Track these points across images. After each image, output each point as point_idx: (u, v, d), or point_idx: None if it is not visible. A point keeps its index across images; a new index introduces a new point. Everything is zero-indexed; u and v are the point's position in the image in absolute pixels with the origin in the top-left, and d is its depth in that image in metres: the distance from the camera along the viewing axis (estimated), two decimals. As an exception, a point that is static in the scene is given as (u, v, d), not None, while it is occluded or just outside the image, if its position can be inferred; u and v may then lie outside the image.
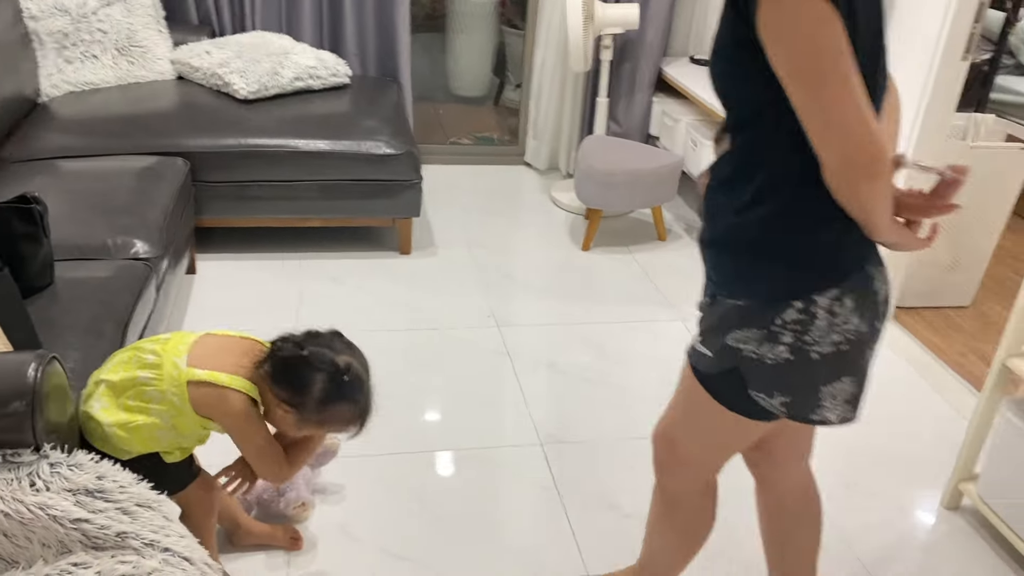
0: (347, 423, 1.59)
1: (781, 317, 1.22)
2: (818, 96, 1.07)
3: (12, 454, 1.32)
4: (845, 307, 1.22)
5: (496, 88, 5.28)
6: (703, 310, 1.36)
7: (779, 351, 1.24)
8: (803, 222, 1.19)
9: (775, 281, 1.23)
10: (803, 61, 1.07)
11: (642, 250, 3.49)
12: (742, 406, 1.32)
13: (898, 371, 2.76)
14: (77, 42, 3.25)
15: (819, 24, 1.04)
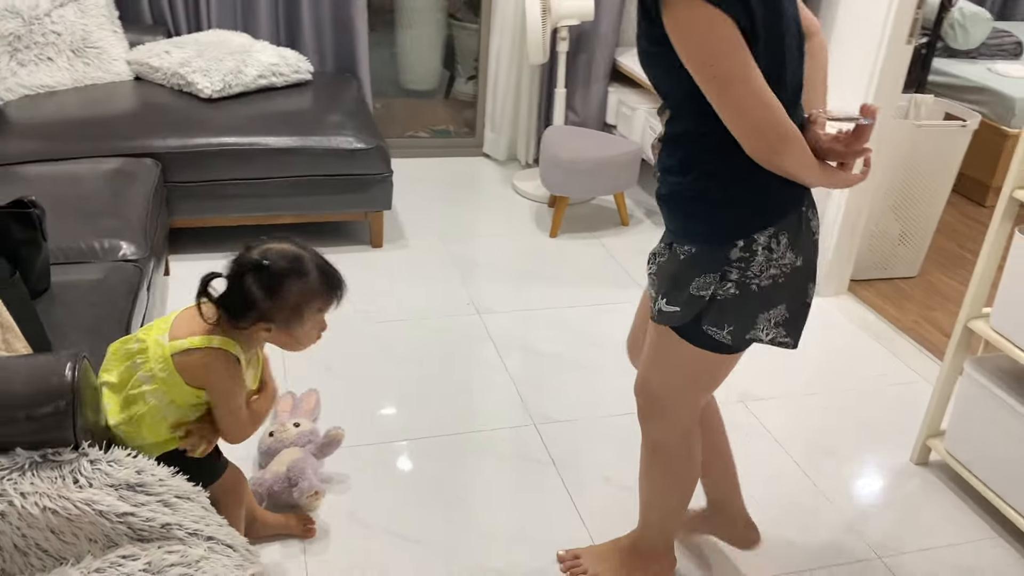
0: (318, 297, 1.52)
1: (727, 256, 1.40)
2: (723, 95, 1.26)
3: (53, 453, 1.34)
4: (780, 244, 1.40)
5: (447, 81, 5.32)
6: (658, 261, 1.52)
7: (727, 288, 1.42)
8: (737, 173, 1.36)
9: (719, 225, 1.40)
10: (704, 64, 1.24)
11: (607, 235, 3.59)
12: (708, 343, 1.48)
13: (858, 340, 2.92)
14: (30, 44, 3.19)
15: (710, 29, 1.21)
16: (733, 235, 1.39)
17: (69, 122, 2.98)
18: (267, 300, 1.48)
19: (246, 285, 1.47)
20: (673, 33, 1.25)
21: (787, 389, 2.62)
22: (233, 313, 1.50)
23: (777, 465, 2.30)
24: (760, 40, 1.26)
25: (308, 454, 2.05)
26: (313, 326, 1.56)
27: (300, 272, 1.50)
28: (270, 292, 1.48)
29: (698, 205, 1.41)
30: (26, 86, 3.18)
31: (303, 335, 1.56)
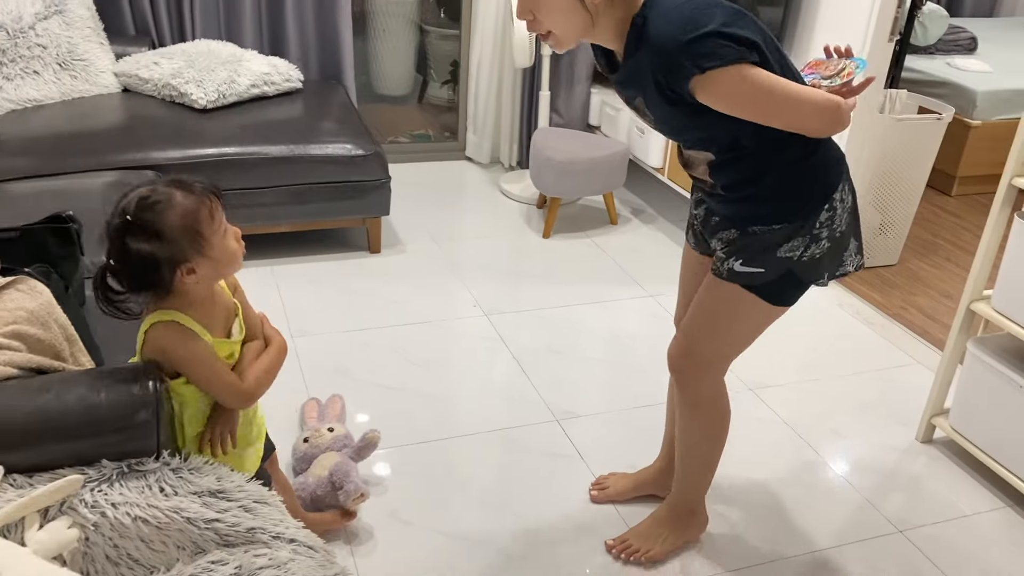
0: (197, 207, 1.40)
1: (818, 221, 1.59)
2: (782, 117, 1.47)
3: (137, 463, 1.35)
4: (845, 191, 1.62)
5: (420, 86, 5.35)
6: (730, 242, 1.66)
7: (822, 244, 1.61)
8: (801, 156, 1.56)
9: (804, 202, 1.59)
10: (756, 105, 1.44)
11: (598, 234, 3.67)
12: (788, 299, 1.68)
13: (851, 326, 3.04)
14: (16, 58, 3.14)
15: (747, 79, 1.41)
16: (820, 203, 1.58)
17: (60, 136, 2.94)
18: (160, 244, 1.35)
19: (131, 248, 1.35)
20: (717, 100, 1.44)
21: (792, 377, 2.72)
22: (145, 281, 1.39)
23: (792, 449, 2.39)
24: (769, 58, 1.47)
25: (347, 457, 2.08)
26: (222, 237, 1.44)
27: (162, 200, 1.38)
28: (156, 236, 1.35)
29: (780, 194, 1.58)
30: (12, 101, 3.12)
31: (222, 252, 1.44)
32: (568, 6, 1.45)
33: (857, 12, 2.90)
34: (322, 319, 2.87)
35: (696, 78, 1.41)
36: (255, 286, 3.04)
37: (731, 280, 1.66)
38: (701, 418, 1.84)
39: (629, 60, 1.50)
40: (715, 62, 1.39)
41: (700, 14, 1.40)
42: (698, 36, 1.38)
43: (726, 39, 1.39)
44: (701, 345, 1.76)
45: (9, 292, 1.47)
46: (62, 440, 1.30)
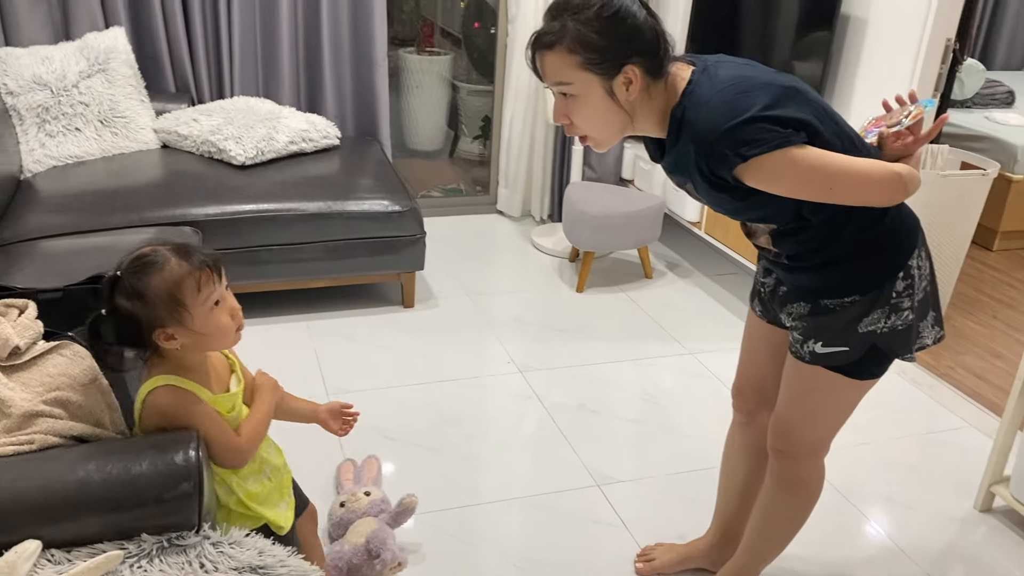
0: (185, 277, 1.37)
1: (895, 290, 1.51)
2: (838, 194, 1.40)
3: (177, 537, 1.31)
4: (922, 258, 1.55)
5: (452, 141, 5.38)
6: (803, 320, 1.59)
7: (904, 315, 1.54)
8: (871, 222, 1.49)
9: (877, 271, 1.51)
10: (809, 186, 1.39)
11: (632, 288, 3.62)
12: (877, 372, 1.59)
13: (898, 387, 2.95)
14: (59, 115, 3.19)
15: (795, 162, 1.35)
16: (892, 272, 1.51)
17: (100, 192, 2.97)
18: (141, 305, 1.36)
19: (117, 303, 1.37)
20: (766, 184, 1.39)
21: (840, 439, 2.62)
22: (128, 336, 1.39)
23: (844, 517, 2.30)
24: (823, 131, 1.40)
25: (384, 524, 2.02)
26: (209, 311, 1.40)
27: (152, 263, 1.38)
28: (138, 296, 1.36)
29: (850, 264, 1.51)
30: (54, 157, 3.16)
31: (207, 325, 1.40)
32: (602, 107, 1.39)
33: (899, 69, 2.87)
34: (356, 376, 2.84)
35: (740, 167, 1.36)
36: (291, 341, 3.02)
37: (815, 363, 1.59)
38: (794, 500, 1.76)
39: (672, 150, 1.45)
40: (758, 149, 1.33)
41: (741, 98, 1.35)
42: (739, 123, 1.33)
43: (770, 123, 1.33)
44: (799, 430, 1.69)
45: (53, 357, 1.45)
46: (103, 512, 1.27)
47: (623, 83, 1.37)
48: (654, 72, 1.40)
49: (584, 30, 1.33)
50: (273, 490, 1.60)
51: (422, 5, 5.76)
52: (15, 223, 2.74)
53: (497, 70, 4.16)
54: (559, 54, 1.36)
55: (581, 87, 1.37)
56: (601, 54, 1.35)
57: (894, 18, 2.88)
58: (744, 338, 1.85)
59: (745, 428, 1.89)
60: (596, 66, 1.35)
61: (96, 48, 3.27)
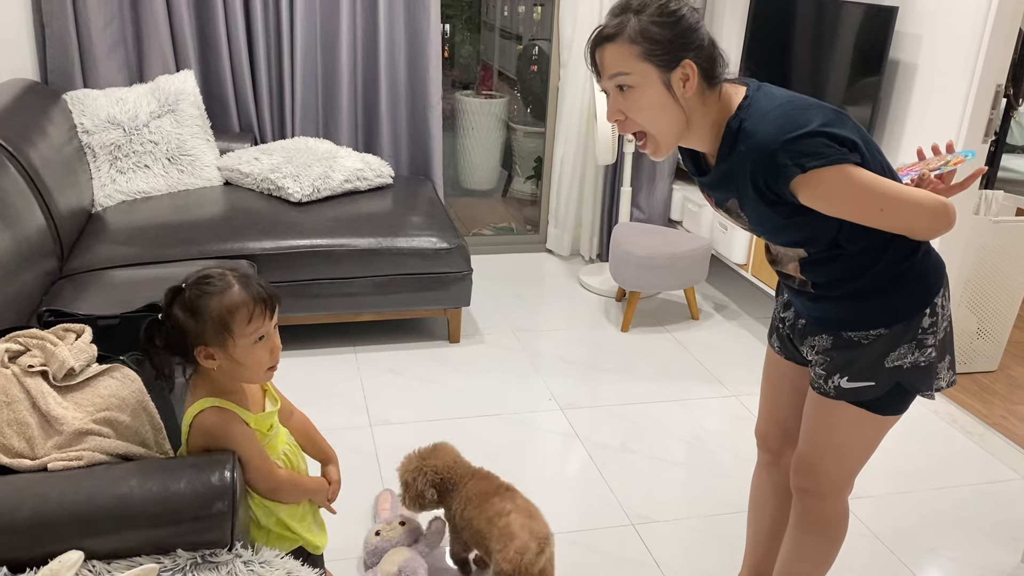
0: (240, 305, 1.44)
1: (921, 326, 1.52)
2: (888, 217, 1.40)
3: (210, 554, 1.37)
4: (945, 298, 1.56)
5: (505, 181, 5.48)
6: (827, 353, 1.59)
7: (928, 352, 1.54)
8: (904, 257, 1.51)
9: (905, 305, 1.52)
10: (861, 206, 1.39)
11: (678, 329, 3.62)
12: (901, 408, 1.59)
13: (948, 436, 2.88)
14: (129, 153, 3.36)
15: (852, 180, 1.37)
16: (920, 306, 1.51)
17: (164, 226, 3.11)
18: (192, 320, 1.44)
19: (174, 314, 1.46)
20: (820, 200, 1.39)
21: (883, 487, 2.58)
22: (175, 345, 1.47)
23: (885, 566, 2.25)
24: (870, 160, 1.43)
25: (416, 554, 2.06)
26: (252, 343, 1.46)
27: (216, 284, 1.46)
28: (192, 312, 1.44)
29: (881, 295, 1.52)
30: (124, 192, 3.33)
31: (247, 356, 1.46)
32: (659, 100, 1.40)
33: (950, 112, 2.86)
34: (400, 408, 2.90)
35: (798, 178, 1.37)
36: (338, 372, 3.11)
37: (839, 398, 1.59)
38: (819, 540, 1.75)
39: (723, 163, 1.47)
40: (818, 161, 1.35)
41: (801, 114, 1.38)
42: (800, 135, 1.35)
43: (828, 139, 1.36)
44: (823, 467, 1.68)
45: (104, 379, 1.54)
46: (141, 527, 1.34)
47: (680, 78, 1.40)
48: (709, 77, 1.43)
49: (646, 23, 1.38)
50: (307, 512, 1.66)
51: (481, 49, 5.92)
52: (84, 254, 2.90)
53: (549, 112, 4.25)
54: (619, 45, 1.39)
55: (639, 78, 1.40)
56: (662, 46, 1.38)
57: (943, 64, 2.87)
58: (764, 377, 1.85)
59: (771, 469, 1.89)
60: (656, 57, 1.38)
61: (167, 90, 3.45)
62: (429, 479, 2.02)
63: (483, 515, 1.92)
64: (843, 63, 3.15)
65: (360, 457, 2.62)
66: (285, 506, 1.59)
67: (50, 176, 2.85)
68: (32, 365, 1.48)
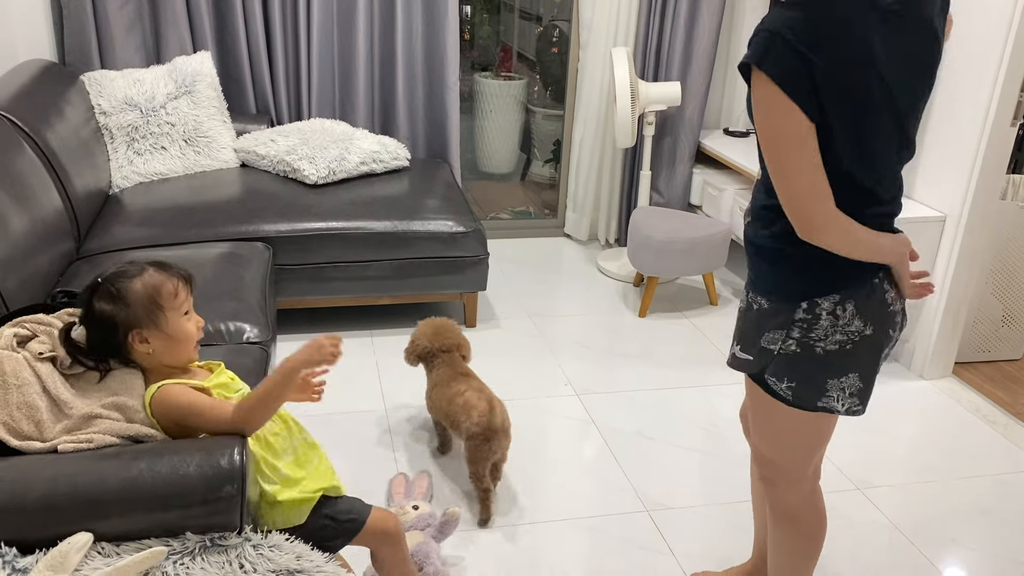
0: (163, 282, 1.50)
1: (792, 316, 1.46)
2: (776, 170, 1.35)
3: (219, 537, 1.36)
4: (847, 311, 1.43)
5: (523, 164, 5.45)
6: (741, 315, 1.59)
7: (789, 344, 1.48)
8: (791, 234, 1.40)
9: (787, 285, 1.47)
10: (767, 141, 1.33)
11: (696, 315, 3.59)
12: (806, 403, 1.52)
13: (970, 425, 2.83)
14: (146, 135, 3.36)
15: (780, 115, 1.29)
16: (798, 296, 1.45)
17: (181, 208, 3.11)
18: (120, 307, 1.48)
19: (95, 308, 1.48)
20: (753, 107, 1.35)
21: (903, 476, 2.55)
22: (102, 341, 1.48)
23: (904, 557, 2.22)
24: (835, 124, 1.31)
25: (429, 538, 2.05)
26: (182, 317, 1.52)
27: (133, 270, 1.52)
28: (118, 299, 1.48)
29: (773, 261, 1.48)
30: (141, 174, 3.34)
31: (179, 330, 1.52)
32: None
33: (977, 96, 2.79)
34: (416, 392, 2.88)
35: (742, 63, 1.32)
36: (354, 355, 3.10)
37: (732, 366, 1.61)
38: (788, 531, 1.71)
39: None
40: (751, 53, 1.29)
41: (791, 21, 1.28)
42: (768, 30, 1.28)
43: (790, 50, 1.26)
44: (770, 455, 1.65)
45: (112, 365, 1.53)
46: (151, 510, 1.33)
47: None
48: None
49: None
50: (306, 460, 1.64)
51: (501, 31, 5.87)
52: (101, 235, 2.90)
53: (568, 95, 4.20)
54: None
55: None
56: None
57: (971, 46, 2.80)
58: None
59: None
60: None
61: (184, 71, 3.44)
62: (417, 351, 2.51)
63: (445, 396, 2.36)
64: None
65: (375, 441, 2.62)
66: (286, 463, 1.57)
67: (67, 157, 2.85)
68: (42, 352, 1.48)
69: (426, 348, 2.48)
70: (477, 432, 2.20)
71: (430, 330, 2.51)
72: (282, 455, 1.58)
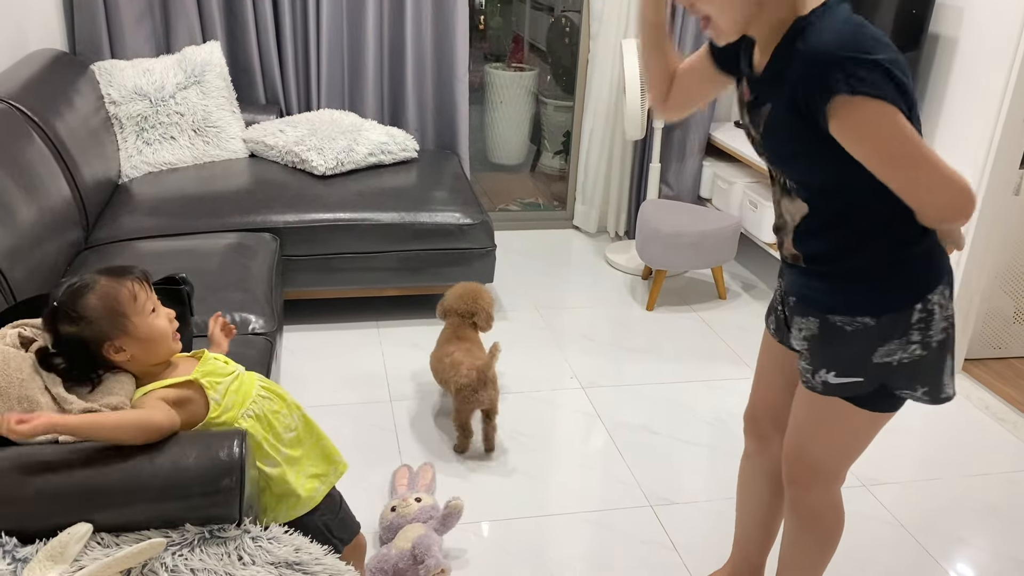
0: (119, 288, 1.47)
1: (909, 321, 1.43)
2: (915, 176, 1.29)
3: (219, 529, 1.37)
4: (946, 296, 1.45)
5: (533, 156, 5.43)
6: (813, 341, 1.51)
7: (913, 350, 1.45)
8: (907, 242, 1.41)
9: (897, 293, 1.43)
10: (892, 154, 1.28)
11: (704, 309, 3.57)
12: (895, 405, 1.52)
13: (980, 422, 2.81)
14: (156, 124, 3.37)
15: (893, 121, 1.26)
16: (912, 299, 1.43)
17: (189, 198, 3.12)
18: (85, 326, 1.45)
19: (61, 332, 1.46)
20: (850, 131, 1.28)
21: (910, 473, 2.53)
22: (80, 361, 1.47)
23: (908, 555, 2.20)
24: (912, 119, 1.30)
25: (431, 530, 2.05)
26: (149, 316, 1.49)
27: (84, 286, 1.47)
28: (79, 319, 1.44)
29: (871, 278, 1.43)
30: (150, 163, 3.34)
31: (150, 330, 1.48)
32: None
33: (992, 87, 2.75)
34: (420, 384, 2.89)
35: (842, 98, 1.24)
36: (360, 347, 3.11)
37: (827, 394, 1.52)
38: (810, 534, 1.70)
39: (778, 61, 1.36)
40: (870, 89, 1.23)
41: (874, 43, 1.26)
42: (864, 59, 1.23)
43: (889, 77, 1.24)
44: (811, 458, 1.62)
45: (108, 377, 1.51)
46: (150, 501, 1.34)
47: None
48: None
49: None
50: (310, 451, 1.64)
51: (513, 21, 5.85)
52: (109, 225, 2.91)
53: (578, 86, 4.18)
54: None
55: None
56: None
57: (987, 37, 2.77)
58: (759, 360, 1.79)
59: (757, 458, 1.83)
60: None
61: (193, 61, 3.45)
62: (441, 307, 2.71)
63: (436, 356, 2.61)
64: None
65: (379, 432, 2.62)
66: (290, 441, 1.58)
67: (76, 147, 2.86)
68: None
69: (447, 307, 2.68)
70: (465, 384, 2.42)
71: (458, 292, 2.68)
72: (283, 433, 1.58)
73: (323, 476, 1.64)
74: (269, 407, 1.57)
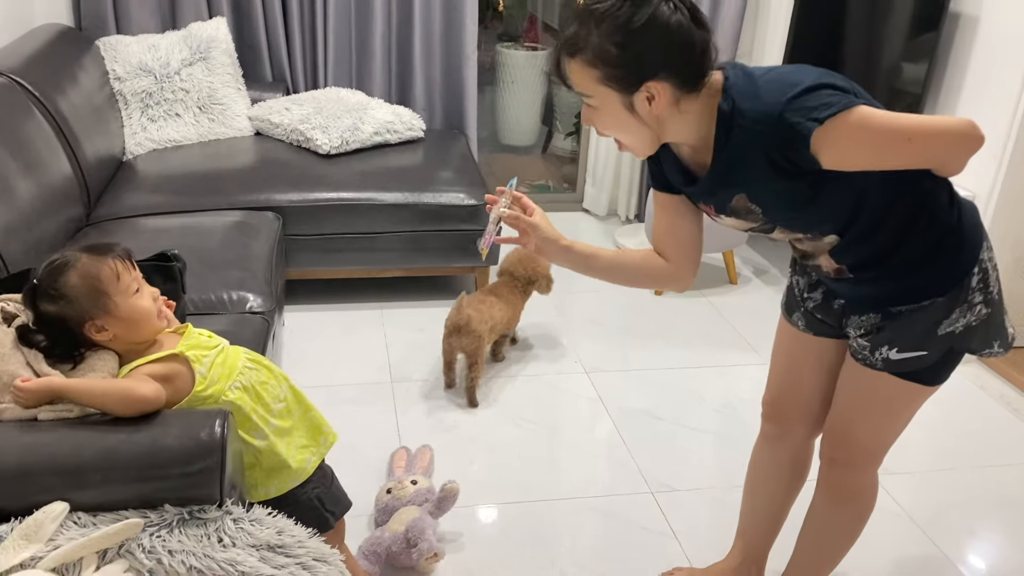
0: (100, 267, 1.43)
1: (969, 286, 1.43)
2: (916, 148, 1.31)
3: (199, 510, 1.34)
4: (991, 249, 1.47)
5: (545, 137, 5.36)
6: (872, 328, 1.48)
7: (978, 310, 1.44)
8: (941, 215, 1.41)
9: (952, 268, 1.42)
10: (887, 144, 1.29)
11: (714, 293, 3.51)
12: (945, 376, 1.52)
13: (993, 412, 2.74)
14: (160, 101, 3.34)
15: (871, 119, 1.27)
16: (969, 264, 1.43)
17: (193, 176, 3.09)
18: (65, 304, 1.41)
19: (41, 310, 1.42)
20: (843, 151, 1.28)
21: (921, 464, 2.47)
22: (61, 339, 1.43)
23: (918, 548, 2.15)
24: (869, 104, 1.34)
25: (426, 513, 2.02)
26: (131, 297, 1.45)
27: (66, 263, 1.43)
28: (60, 297, 1.41)
29: (926, 265, 1.42)
30: (154, 140, 3.32)
31: (133, 310, 1.44)
32: (623, 121, 1.33)
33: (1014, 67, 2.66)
34: (423, 366, 2.86)
35: (817, 132, 1.24)
36: (363, 328, 3.07)
37: (888, 370, 1.49)
38: (847, 513, 1.69)
39: (721, 155, 1.34)
40: (830, 110, 1.24)
41: (790, 75, 1.30)
42: (801, 91, 1.26)
43: (831, 89, 1.27)
44: (858, 437, 1.60)
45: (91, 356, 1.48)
46: (129, 481, 1.31)
47: (644, 99, 1.29)
48: (688, 87, 1.30)
49: (605, 43, 1.25)
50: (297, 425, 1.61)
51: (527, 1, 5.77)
52: (113, 201, 2.89)
53: (589, 66, 4.10)
54: (580, 64, 1.29)
55: (600, 100, 1.31)
56: (621, 70, 1.27)
57: (1010, 15, 2.68)
58: (780, 349, 1.74)
59: (777, 443, 1.80)
60: (615, 82, 1.28)
61: (199, 37, 3.41)
62: (500, 269, 2.94)
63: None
64: (899, 17, 2.96)
65: (379, 413, 2.59)
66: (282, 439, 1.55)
67: (78, 123, 2.83)
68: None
69: (503, 267, 2.89)
70: (446, 326, 2.64)
71: (519, 256, 2.86)
72: (272, 404, 1.54)
73: (313, 447, 1.61)
74: (256, 378, 1.54)
